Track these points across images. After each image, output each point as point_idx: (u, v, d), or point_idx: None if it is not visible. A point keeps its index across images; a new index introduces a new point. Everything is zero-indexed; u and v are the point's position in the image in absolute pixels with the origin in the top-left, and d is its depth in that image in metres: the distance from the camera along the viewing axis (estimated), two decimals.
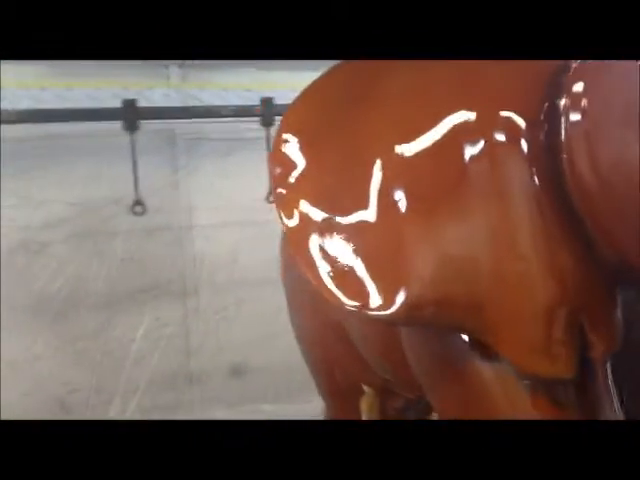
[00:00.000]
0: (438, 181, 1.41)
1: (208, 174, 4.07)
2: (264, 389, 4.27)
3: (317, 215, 1.50)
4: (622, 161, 1.25)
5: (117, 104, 3.58)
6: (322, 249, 1.48)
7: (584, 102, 1.30)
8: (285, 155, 1.60)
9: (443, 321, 1.42)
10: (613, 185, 1.27)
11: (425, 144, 1.41)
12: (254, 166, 4.08)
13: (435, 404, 1.78)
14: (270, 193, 3.86)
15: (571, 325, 1.36)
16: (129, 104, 3.47)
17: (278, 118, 3.81)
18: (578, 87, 1.31)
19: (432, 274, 1.39)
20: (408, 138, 1.44)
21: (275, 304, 4.20)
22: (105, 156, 3.79)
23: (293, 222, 1.53)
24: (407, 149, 1.43)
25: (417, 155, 1.42)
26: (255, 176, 4.08)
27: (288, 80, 4.17)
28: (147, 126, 3.64)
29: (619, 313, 1.40)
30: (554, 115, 1.33)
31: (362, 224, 1.45)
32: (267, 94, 4.03)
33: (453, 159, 1.39)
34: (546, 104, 1.35)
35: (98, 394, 3.89)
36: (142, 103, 3.65)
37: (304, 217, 1.51)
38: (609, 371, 1.47)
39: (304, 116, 1.69)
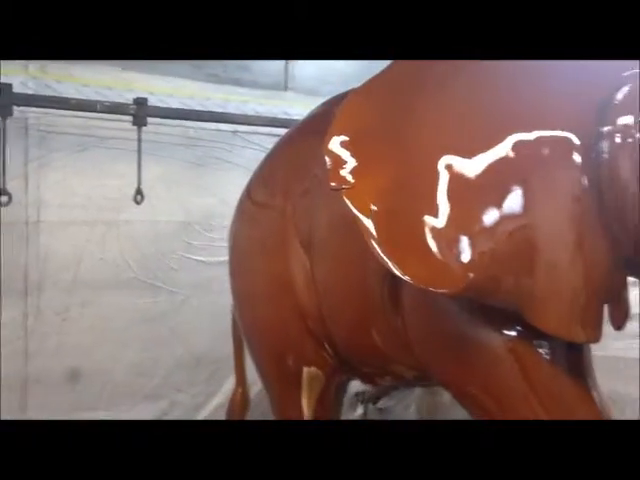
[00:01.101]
0: (505, 181, 1.69)
1: (60, 169, 3.89)
2: (99, 395, 4.14)
3: (387, 204, 1.72)
4: None
5: None
6: (395, 234, 1.70)
7: (627, 131, 1.64)
8: (344, 151, 1.79)
9: (498, 297, 1.71)
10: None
11: (492, 152, 1.70)
12: (108, 164, 4.02)
13: (442, 375, 2.11)
14: (138, 193, 3.83)
15: (600, 302, 1.72)
16: (4, 88, 3.25)
17: (150, 119, 3.86)
18: (624, 120, 1.66)
19: (495, 257, 1.66)
20: (476, 143, 1.72)
21: (118, 307, 4.14)
22: None
23: (365, 211, 1.71)
24: (476, 152, 1.71)
25: (486, 158, 1.70)
26: (108, 175, 4.02)
27: (147, 82, 4.17)
28: None
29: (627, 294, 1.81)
30: (602, 138, 1.66)
31: (432, 213, 1.68)
32: (126, 94, 4.00)
33: (519, 165, 1.69)
34: (596, 129, 1.67)
35: None
36: None
37: (375, 206, 1.71)
38: None
39: (360, 113, 1.87)
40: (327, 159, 1.80)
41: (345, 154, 1.79)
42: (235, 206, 3.13)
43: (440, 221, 1.67)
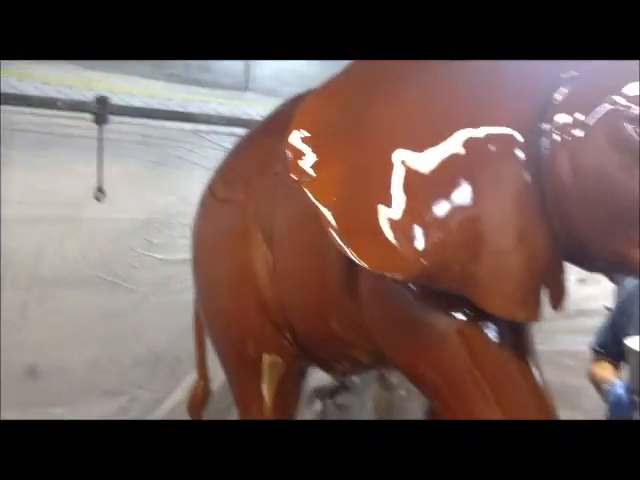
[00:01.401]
0: (454, 175, 1.79)
1: (21, 166, 3.91)
2: (58, 391, 4.15)
3: (346, 196, 1.82)
4: (587, 179, 1.74)
5: None
6: (353, 224, 1.79)
7: (565, 129, 1.76)
8: (305, 146, 1.88)
9: (448, 282, 1.81)
10: (577, 192, 1.75)
11: (442, 147, 1.80)
12: (69, 162, 4.04)
13: (396, 357, 2.20)
14: (99, 191, 3.87)
15: (540, 285, 1.84)
16: None
17: (111, 118, 3.89)
18: (560, 118, 1.77)
19: (446, 245, 1.77)
20: (427, 139, 1.81)
21: (77, 305, 4.16)
22: None
23: (326, 202, 1.81)
24: (428, 147, 1.80)
25: (436, 153, 1.80)
26: (69, 172, 4.04)
27: (108, 81, 4.21)
28: None
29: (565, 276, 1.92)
30: (542, 135, 1.78)
31: (388, 204, 1.77)
32: (87, 93, 4.03)
33: (467, 160, 1.79)
34: (537, 125, 1.79)
35: None
36: None
37: (335, 197, 1.82)
38: None
39: (320, 111, 1.96)
40: (288, 153, 1.88)
41: (305, 149, 1.87)
42: (196, 205, 3.19)
43: (395, 212, 1.76)
